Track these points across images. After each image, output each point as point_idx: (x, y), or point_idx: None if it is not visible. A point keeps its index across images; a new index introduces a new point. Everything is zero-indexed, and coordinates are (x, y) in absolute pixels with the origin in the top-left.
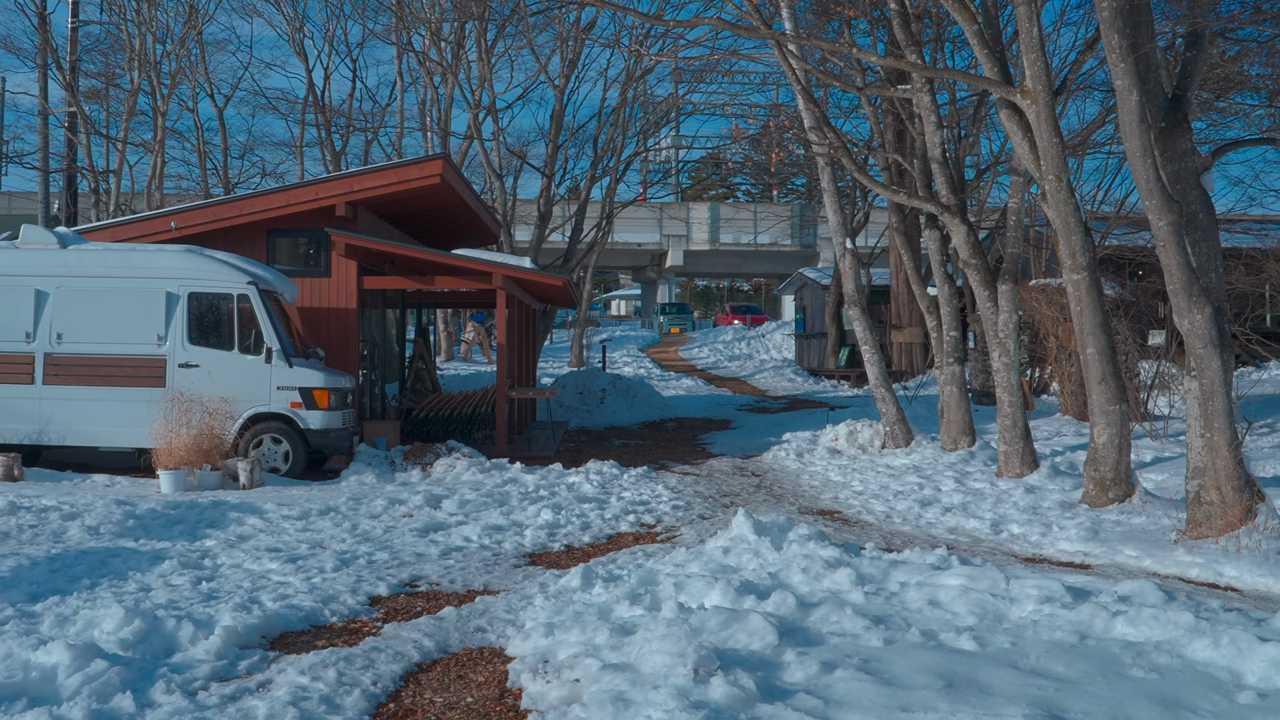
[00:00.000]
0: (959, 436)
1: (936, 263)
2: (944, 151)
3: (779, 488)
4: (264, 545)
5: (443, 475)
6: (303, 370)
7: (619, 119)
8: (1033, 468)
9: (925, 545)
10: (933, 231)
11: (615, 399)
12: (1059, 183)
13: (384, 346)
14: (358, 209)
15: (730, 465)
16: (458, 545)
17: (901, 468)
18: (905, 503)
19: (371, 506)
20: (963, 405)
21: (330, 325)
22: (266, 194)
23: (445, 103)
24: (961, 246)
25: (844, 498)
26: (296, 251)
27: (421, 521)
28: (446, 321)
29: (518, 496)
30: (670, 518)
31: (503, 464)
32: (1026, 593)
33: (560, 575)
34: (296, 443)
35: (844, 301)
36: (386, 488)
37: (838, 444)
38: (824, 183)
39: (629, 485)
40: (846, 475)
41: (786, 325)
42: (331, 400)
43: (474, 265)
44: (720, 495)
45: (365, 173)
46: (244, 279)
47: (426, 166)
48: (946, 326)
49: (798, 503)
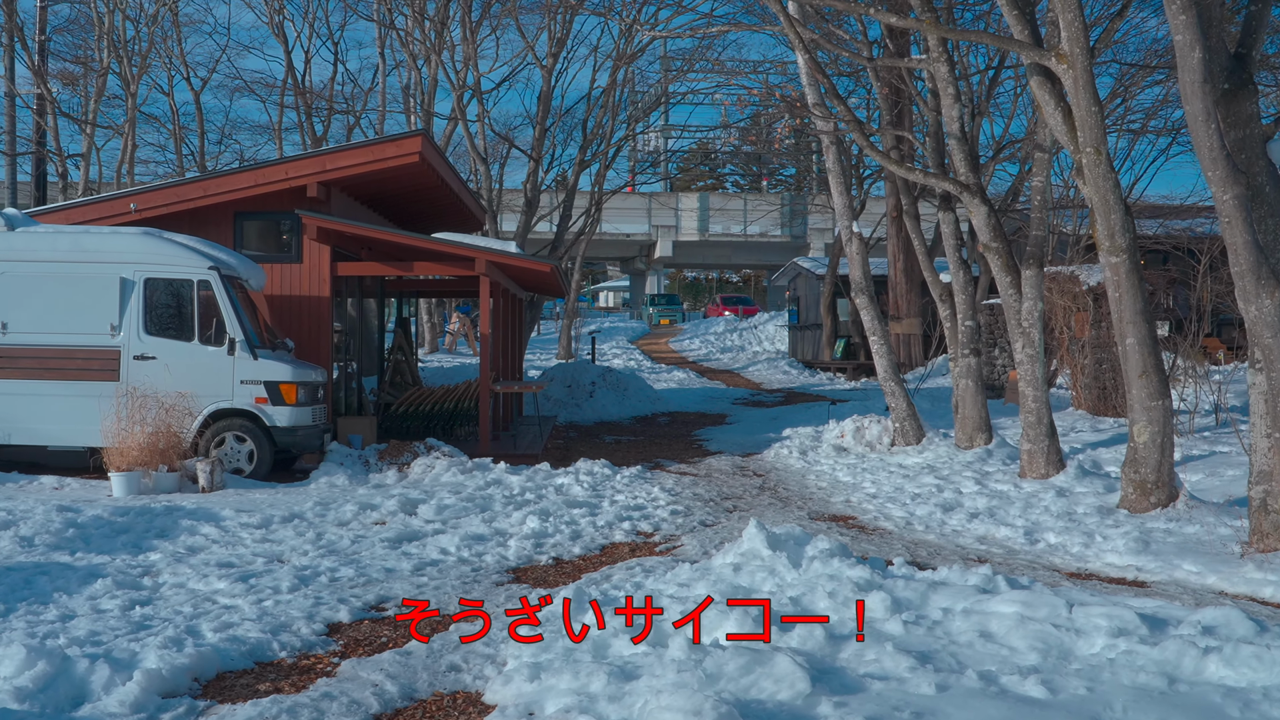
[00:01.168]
0: (975, 433)
1: (950, 247)
2: (962, 126)
3: (784, 489)
4: (215, 559)
5: (420, 476)
6: (269, 363)
7: (609, 101)
8: (1059, 468)
9: (955, 557)
10: (946, 214)
11: (605, 392)
12: (1098, 156)
13: (362, 337)
14: (331, 190)
15: (730, 464)
16: (433, 559)
17: (915, 467)
18: (925, 507)
19: (340, 513)
20: (979, 400)
21: (302, 314)
22: (233, 173)
23: (429, 84)
24: (981, 229)
25: (856, 501)
26: (266, 235)
27: (394, 530)
28: (431, 312)
29: (501, 501)
30: (669, 525)
31: (485, 464)
32: (1094, 623)
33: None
34: (262, 441)
35: (839, 292)
36: (358, 491)
37: (844, 441)
38: (829, 163)
39: (622, 487)
40: (856, 475)
41: (779, 316)
42: (300, 395)
43: (455, 250)
44: (721, 498)
45: (339, 151)
46: (205, 263)
47: (404, 144)
48: (961, 315)
49: (806, 507)
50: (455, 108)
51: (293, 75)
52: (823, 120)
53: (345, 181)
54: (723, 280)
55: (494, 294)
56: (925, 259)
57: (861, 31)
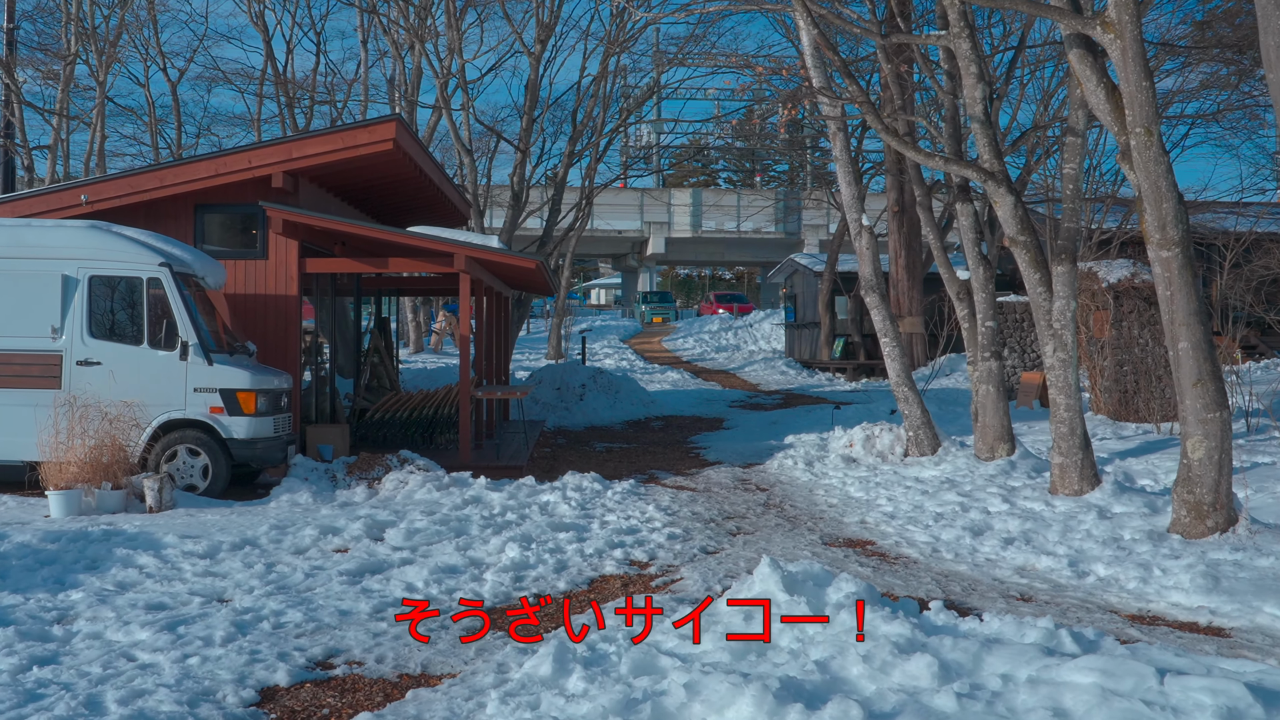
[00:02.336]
0: (996, 443)
1: (969, 241)
2: (986, 108)
3: (791, 507)
4: (146, 599)
5: (392, 493)
6: (225, 369)
7: (600, 90)
8: (1094, 483)
9: (995, 595)
10: (964, 205)
11: (596, 395)
12: (1149, 137)
13: (339, 339)
14: (299, 181)
15: (730, 476)
16: (397, 597)
17: (933, 481)
18: (952, 530)
19: (299, 538)
20: (1001, 407)
21: (267, 315)
22: (192, 162)
23: (412, 74)
24: (1008, 220)
25: (873, 522)
26: (229, 230)
27: (356, 560)
28: (416, 311)
29: (479, 523)
30: (666, 552)
31: (464, 479)
32: (1194, 698)
33: (525, 651)
34: (217, 455)
35: (838, 289)
36: (321, 511)
37: (853, 451)
38: (835, 151)
39: (614, 505)
40: (869, 491)
41: (775, 314)
42: (260, 403)
43: (432, 245)
44: (723, 518)
45: (306, 137)
46: (155, 259)
47: (377, 130)
48: (981, 315)
49: (818, 529)
50: (439, 97)
51: (273, 64)
52: (829, 105)
53: (314, 171)
54: (715, 277)
55: (476, 292)
56: (941, 254)
57: (870, 10)
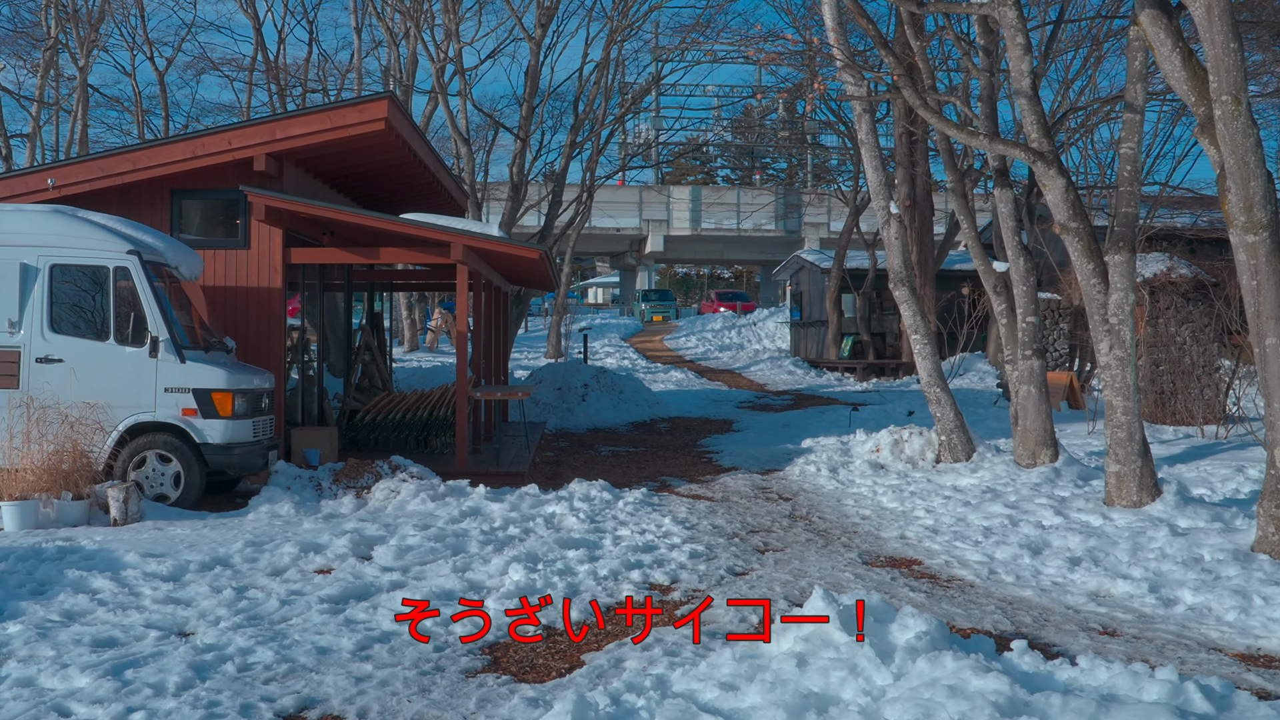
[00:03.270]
0: (1038, 448)
1: (1008, 230)
2: (1034, 83)
3: (819, 518)
4: (94, 634)
5: (383, 504)
6: (199, 367)
7: (603, 77)
8: (1153, 494)
9: (1074, 627)
10: (1003, 190)
11: (599, 396)
12: (1237, 106)
13: (328, 336)
14: (284, 164)
15: (748, 484)
16: (385, 630)
17: (972, 490)
18: (1007, 548)
19: (276, 557)
20: (1043, 409)
21: (249, 309)
22: (167, 143)
23: (407, 63)
24: (1058, 205)
25: (915, 537)
26: (208, 217)
27: (340, 584)
28: (411, 307)
29: (479, 538)
30: (689, 574)
31: (462, 487)
32: None
33: (535, 704)
34: (190, 462)
35: (845, 286)
36: (304, 525)
37: (880, 456)
38: (861, 134)
39: (626, 517)
40: (904, 501)
41: (779, 312)
42: (237, 405)
43: (428, 234)
44: (747, 531)
45: (291, 117)
46: (123, 246)
47: (368, 109)
48: (1022, 311)
49: (854, 544)
50: (435, 84)
51: (264, 52)
52: (855, 84)
53: (300, 154)
54: (714, 276)
55: (475, 286)
56: (976, 245)
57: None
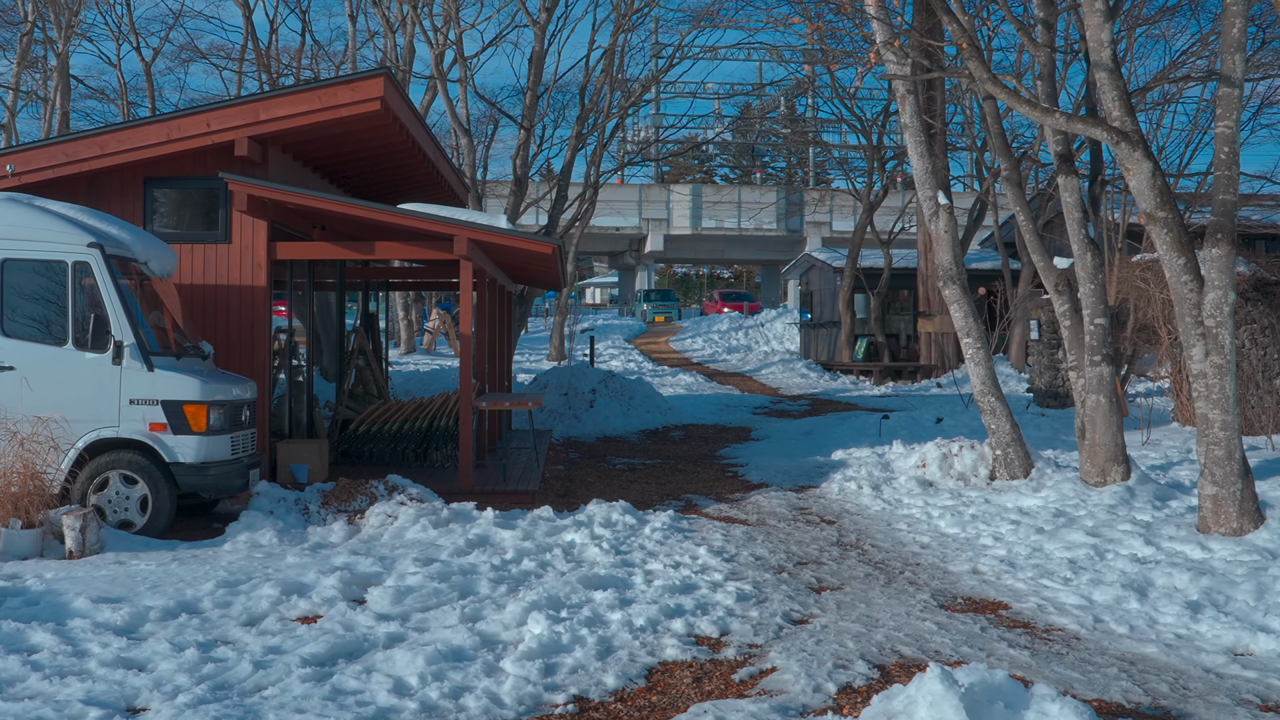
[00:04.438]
0: (1108, 465)
1: (1074, 221)
2: (1114, 54)
3: (873, 547)
4: (18, 712)
5: (378, 531)
6: (170, 375)
7: (610, 65)
8: (1256, 520)
9: (1225, 699)
10: (1067, 178)
11: (607, 401)
12: None
13: (320, 340)
14: (269, 149)
15: (784, 503)
16: (382, 707)
17: (1040, 514)
18: (1105, 588)
19: (254, 601)
20: (1114, 421)
21: (230, 309)
22: (139, 125)
23: (404, 51)
24: (1144, 192)
25: (990, 571)
26: (185, 208)
27: (327, 639)
28: (408, 307)
29: (489, 576)
30: (740, 622)
31: (467, 511)
32: None
33: None
34: (159, 484)
35: (859, 286)
36: (287, 558)
37: (927, 472)
38: (905, 117)
39: (655, 546)
40: (965, 525)
41: (787, 313)
42: (213, 419)
43: (429, 225)
44: (794, 563)
45: (277, 95)
46: (83, 239)
47: (361, 87)
48: (1090, 312)
49: (921, 580)
50: (434, 70)
51: (254, 41)
52: (897, 63)
53: (287, 138)
54: (714, 276)
55: (479, 284)
56: (1035, 239)
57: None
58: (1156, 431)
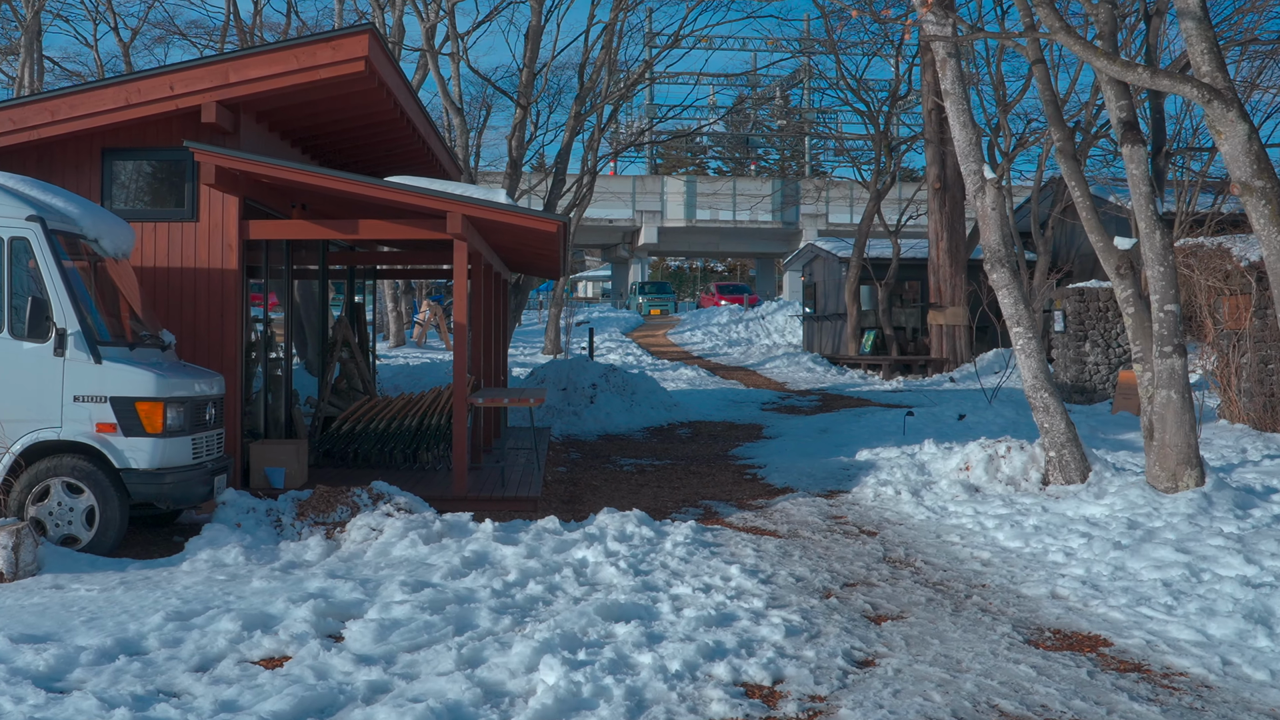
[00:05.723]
0: (1180, 468)
1: (1141, 197)
2: (1202, 1)
3: (927, 564)
4: None
5: (360, 548)
6: (120, 369)
7: (609, 42)
8: None
9: None
10: (1134, 147)
11: (609, 397)
12: None
13: (305, 330)
14: (240, 116)
15: (814, 511)
16: None
17: (1109, 523)
18: (1222, 620)
19: (209, 638)
20: (1186, 420)
21: (198, 295)
22: (95, 89)
23: (393, 31)
24: (1238, 159)
25: (1073, 595)
26: (148, 182)
27: (294, 691)
28: (397, 299)
29: (490, 604)
30: (797, 667)
31: (462, 523)
32: None
33: None
34: (108, 493)
35: (866, 276)
36: (254, 581)
37: (971, 475)
38: (946, 84)
39: (679, 565)
40: (1027, 538)
41: (788, 306)
42: (170, 418)
43: (419, 200)
44: (840, 585)
45: (248, 55)
46: (21, 211)
47: (344, 45)
48: (1159, 298)
49: (994, 607)
50: (425, 45)
51: (237, 20)
52: (937, 23)
53: (261, 104)
54: (707, 269)
55: (474, 269)
56: (1092, 215)
57: None
58: (1204, 430)
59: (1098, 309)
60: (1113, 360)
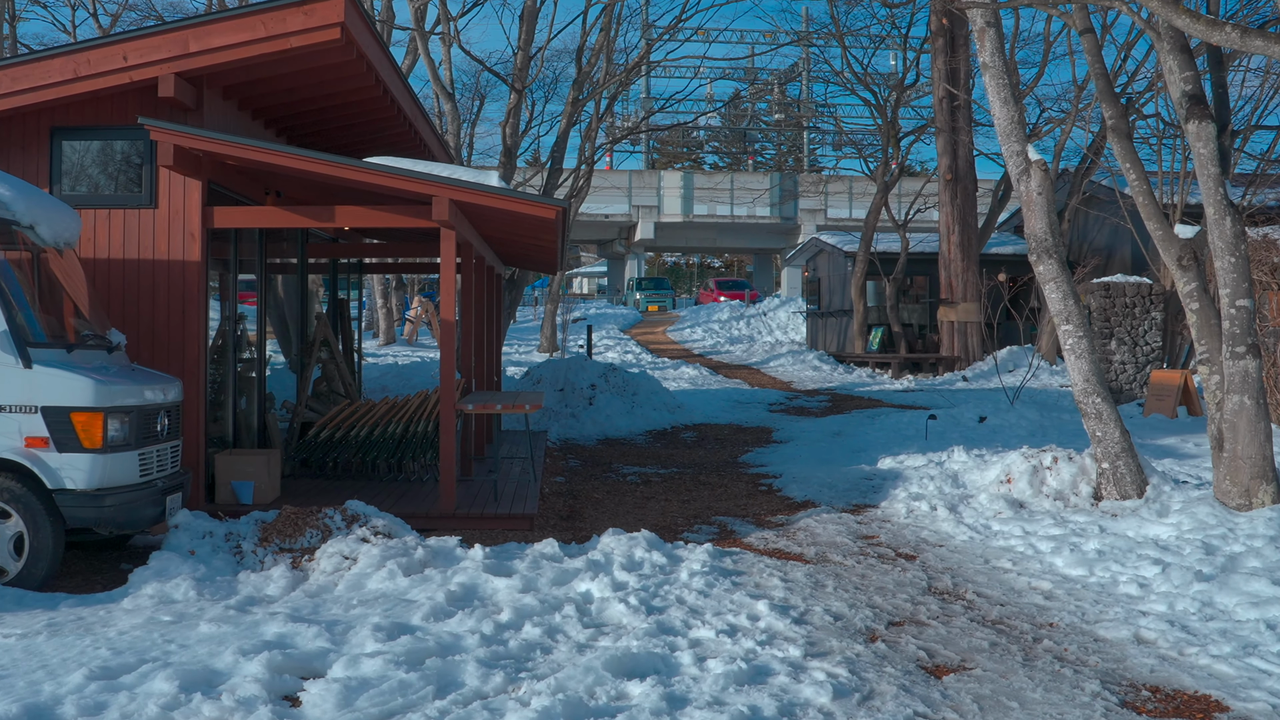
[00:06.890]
0: (1254, 483)
1: (1209, 178)
2: None
3: (979, 596)
4: None
5: (330, 580)
6: (53, 373)
7: (609, 22)
8: None
9: None
10: (1201, 124)
11: (609, 398)
12: None
13: (288, 327)
14: (203, 91)
15: (842, 530)
16: None
17: (1179, 547)
18: None
19: (138, 702)
20: (1260, 428)
21: (156, 290)
22: (40, 60)
23: (382, 11)
24: None
25: (1163, 641)
26: (101, 164)
27: None
28: (387, 295)
29: (479, 654)
30: None
31: (448, 549)
32: None
33: None
34: (39, 518)
35: (872, 271)
36: (201, 625)
37: (1013, 489)
38: (984, 57)
39: (697, 599)
40: (1090, 565)
41: (791, 302)
42: (112, 430)
43: (401, 184)
44: (885, 624)
45: (210, 21)
46: None
47: (316, 10)
48: (1230, 292)
49: (1071, 656)
50: (414, 27)
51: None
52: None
53: (227, 78)
54: (704, 264)
55: (464, 260)
56: (1149, 200)
57: None
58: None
59: (1124, 305)
60: (1139, 359)
